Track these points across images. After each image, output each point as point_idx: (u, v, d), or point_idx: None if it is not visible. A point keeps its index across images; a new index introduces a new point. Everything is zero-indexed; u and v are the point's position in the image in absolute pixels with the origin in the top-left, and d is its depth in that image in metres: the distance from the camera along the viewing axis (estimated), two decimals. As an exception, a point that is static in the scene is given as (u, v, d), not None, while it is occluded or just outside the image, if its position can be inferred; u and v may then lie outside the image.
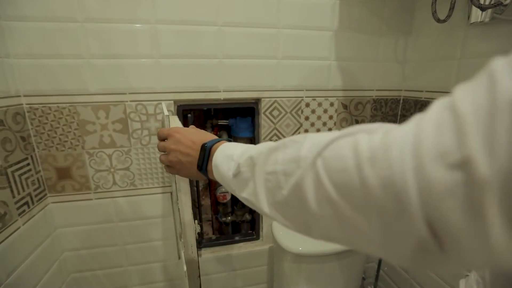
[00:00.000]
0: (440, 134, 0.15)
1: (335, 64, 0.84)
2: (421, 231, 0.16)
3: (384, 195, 0.17)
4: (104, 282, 0.86)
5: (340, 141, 0.21)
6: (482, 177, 0.13)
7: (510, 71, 0.14)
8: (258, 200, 0.28)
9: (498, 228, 0.13)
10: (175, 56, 0.72)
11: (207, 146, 0.38)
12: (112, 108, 0.72)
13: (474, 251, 0.15)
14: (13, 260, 0.60)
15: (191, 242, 0.50)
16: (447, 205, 0.15)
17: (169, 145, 0.43)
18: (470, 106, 0.14)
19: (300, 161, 0.23)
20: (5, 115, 0.60)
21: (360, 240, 0.21)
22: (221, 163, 0.34)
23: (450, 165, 0.14)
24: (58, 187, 0.74)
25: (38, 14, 0.63)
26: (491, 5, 0.58)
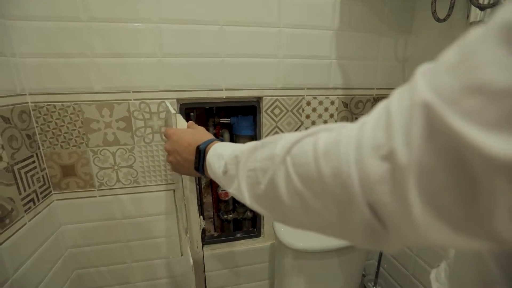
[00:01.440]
0: (376, 130, 0.18)
1: (335, 63, 0.85)
2: (365, 213, 0.19)
3: (335, 184, 0.20)
4: (107, 278, 0.87)
5: (305, 140, 0.24)
6: (402, 165, 0.16)
7: (426, 76, 0.16)
8: (242, 194, 0.31)
9: (418, 208, 0.15)
10: (178, 55, 0.73)
11: (201, 148, 0.41)
12: (116, 106, 0.73)
13: (406, 229, 0.17)
14: (20, 256, 0.61)
15: (196, 237, 0.51)
16: (381, 190, 0.17)
17: (168, 147, 0.47)
18: (397, 106, 0.17)
19: (274, 158, 0.26)
20: (11, 113, 0.61)
21: (324, 225, 0.24)
22: (213, 162, 0.37)
23: (381, 157, 0.17)
24: (63, 184, 0.75)
25: (42, 13, 0.64)
26: (490, 5, 0.59)
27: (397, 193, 0.16)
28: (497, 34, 0.13)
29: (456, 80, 0.14)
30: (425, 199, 0.15)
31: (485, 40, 0.13)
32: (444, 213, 0.15)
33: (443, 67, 0.15)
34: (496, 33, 0.13)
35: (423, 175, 0.15)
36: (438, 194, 0.15)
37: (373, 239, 0.20)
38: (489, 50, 0.13)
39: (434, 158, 0.14)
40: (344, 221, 0.21)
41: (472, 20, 0.65)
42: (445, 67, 0.15)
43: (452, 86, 0.14)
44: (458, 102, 0.13)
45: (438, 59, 0.17)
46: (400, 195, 0.16)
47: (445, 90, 0.14)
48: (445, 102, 0.14)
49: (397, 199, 0.16)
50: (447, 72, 0.15)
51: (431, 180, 0.15)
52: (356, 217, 0.19)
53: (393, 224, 0.18)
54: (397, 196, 0.16)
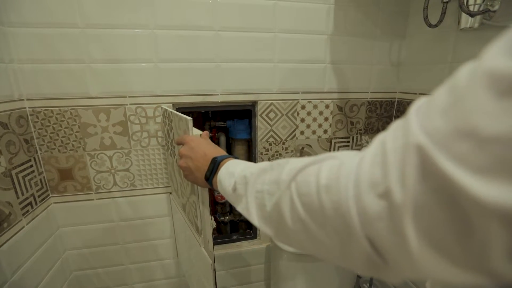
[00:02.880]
0: (373, 167, 0.19)
1: (330, 67, 0.86)
2: (365, 247, 0.19)
3: (336, 216, 0.21)
4: (105, 280, 0.88)
5: (309, 168, 0.25)
6: (398, 204, 0.16)
7: (419, 116, 0.17)
8: (250, 214, 0.33)
9: (415, 243, 0.16)
10: (174, 60, 0.74)
11: (217, 160, 0.42)
12: (112, 111, 0.74)
13: (404, 264, 0.18)
14: (18, 259, 0.63)
15: (209, 237, 0.54)
16: (379, 226, 0.18)
17: (182, 151, 0.48)
18: (392, 144, 0.18)
19: (280, 183, 0.27)
20: (9, 119, 0.62)
21: (325, 252, 0.24)
22: (224, 179, 0.39)
23: (378, 194, 0.18)
24: (60, 187, 0.76)
25: (40, 20, 0.65)
26: (479, 12, 0.60)
27: (394, 229, 0.17)
28: (483, 82, 0.13)
29: (447, 124, 0.15)
30: (422, 234, 0.16)
31: (473, 86, 0.14)
32: (441, 248, 0.16)
33: (435, 109, 0.16)
34: (482, 81, 0.14)
35: (418, 213, 0.16)
36: (434, 230, 0.15)
37: (374, 270, 0.21)
38: (476, 97, 0.14)
39: (429, 197, 0.15)
40: (345, 251, 0.22)
41: (463, 26, 0.66)
42: (437, 110, 0.16)
43: (443, 130, 0.15)
44: (449, 146, 0.14)
45: (430, 98, 0.17)
46: (397, 231, 0.17)
47: (437, 133, 0.15)
48: (436, 145, 0.15)
49: (394, 235, 0.17)
50: (439, 115, 0.15)
51: (426, 217, 0.16)
52: (356, 249, 0.20)
53: (392, 258, 0.19)
54: (394, 232, 0.17)
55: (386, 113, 0.96)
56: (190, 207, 0.60)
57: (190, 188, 0.57)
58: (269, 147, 0.88)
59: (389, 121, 0.98)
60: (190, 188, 0.57)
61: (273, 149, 0.89)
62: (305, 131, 0.90)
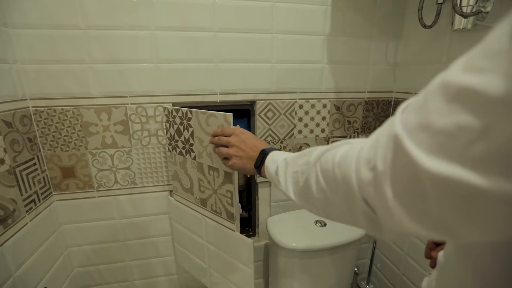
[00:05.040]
0: (369, 150, 0.25)
1: (327, 67, 0.87)
2: (363, 206, 0.26)
3: (344, 184, 0.28)
4: (106, 276, 0.90)
5: (330, 151, 0.32)
6: (380, 173, 0.22)
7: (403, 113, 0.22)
8: (288, 190, 0.41)
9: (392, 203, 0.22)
10: (174, 61, 0.76)
11: (265, 151, 0.51)
12: (113, 110, 0.75)
13: (388, 218, 0.23)
14: (22, 254, 0.64)
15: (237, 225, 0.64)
16: (369, 190, 0.24)
17: (234, 142, 0.56)
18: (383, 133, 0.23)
19: (309, 164, 0.36)
20: (13, 118, 0.64)
21: (340, 214, 0.31)
22: (269, 165, 0.48)
23: (369, 168, 0.24)
24: (63, 185, 0.78)
25: (43, 22, 0.67)
26: (472, 13, 0.62)
27: (378, 192, 0.23)
28: (440, 89, 0.18)
29: (416, 119, 0.20)
30: (397, 197, 0.21)
31: (435, 92, 0.18)
32: (410, 208, 0.21)
33: (412, 107, 0.21)
34: (440, 88, 0.18)
35: (394, 180, 0.21)
36: (404, 193, 0.21)
37: (371, 224, 0.27)
38: (435, 100, 0.18)
39: (400, 170, 0.21)
40: (351, 212, 0.28)
41: (456, 27, 0.67)
42: (413, 108, 0.21)
43: (413, 123, 0.20)
44: (415, 135, 0.19)
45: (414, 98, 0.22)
46: (380, 193, 0.23)
47: (409, 125, 0.20)
48: (408, 134, 0.20)
49: (379, 196, 0.23)
50: (413, 112, 0.20)
51: (399, 185, 0.21)
52: (358, 209, 0.27)
53: (380, 213, 0.24)
54: (378, 193, 0.23)
55: (383, 113, 0.97)
56: (219, 198, 0.65)
57: (223, 179, 0.62)
58: (268, 146, 0.90)
59: (386, 120, 0.99)
60: (222, 179, 0.62)
61: (271, 148, 0.90)
62: (303, 130, 0.91)
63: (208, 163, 0.64)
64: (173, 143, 0.71)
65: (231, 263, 0.69)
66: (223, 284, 0.74)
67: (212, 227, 0.70)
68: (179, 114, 0.67)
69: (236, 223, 0.64)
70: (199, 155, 0.65)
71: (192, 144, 0.65)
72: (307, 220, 0.91)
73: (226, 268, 0.71)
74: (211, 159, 0.63)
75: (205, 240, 0.73)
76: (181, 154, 0.70)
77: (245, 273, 0.67)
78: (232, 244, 0.67)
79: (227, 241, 0.68)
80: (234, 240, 0.66)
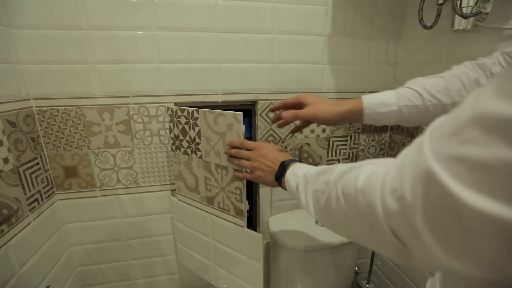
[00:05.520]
0: (394, 178, 0.24)
1: (328, 68, 0.88)
2: (390, 236, 0.25)
3: (368, 213, 0.27)
4: (108, 275, 0.90)
5: (351, 172, 0.31)
6: (409, 205, 0.21)
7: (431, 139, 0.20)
8: (308, 208, 0.40)
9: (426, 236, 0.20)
10: (175, 61, 0.76)
11: (285, 164, 0.51)
12: (116, 110, 0.76)
13: (421, 252, 0.22)
14: (25, 253, 0.65)
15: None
16: (397, 221, 0.23)
17: (255, 156, 0.56)
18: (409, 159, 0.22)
19: (329, 183, 0.35)
20: (17, 117, 0.65)
21: (364, 239, 0.31)
22: (290, 179, 0.47)
23: (396, 198, 0.23)
24: (65, 185, 0.79)
25: (46, 22, 0.67)
26: (472, 14, 0.62)
27: (408, 224, 0.22)
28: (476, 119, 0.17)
29: (450, 149, 0.18)
30: (431, 231, 0.20)
31: (469, 121, 0.17)
32: (447, 243, 0.19)
33: (443, 133, 0.20)
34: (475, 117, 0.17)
35: (426, 214, 0.20)
36: (440, 228, 0.19)
37: (401, 256, 0.25)
38: (471, 130, 0.17)
39: (433, 203, 0.19)
40: (377, 240, 0.27)
41: (456, 28, 0.68)
42: (444, 135, 0.19)
43: (446, 153, 0.18)
44: (450, 166, 0.18)
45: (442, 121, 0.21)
46: (411, 226, 0.21)
47: (441, 155, 0.19)
48: (441, 165, 0.18)
49: (409, 229, 0.22)
50: (445, 140, 0.19)
51: (433, 218, 0.19)
52: (384, 238, 0.25)
53: (411, 245, 0.23)
54: (408, 226, 0.22)
55: (383, 113, 0.98)
56: (227, 195, 0.66)
57: (232, 177, 0.63)
58: (269, 146, 0.90)
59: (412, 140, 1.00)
60: (231, 177, 0.63)
61: (272, 147, 0.91)
62: (303, 130, 0.92)
63: (216, 162, 0.65)
64: (177, 143, 0.71)
65: (239, 259, 0.70)
66: (230, 280, 0.74)
67: (219, 225, 0.71)
68: (184, 114, 0.67)
69: (244, 219, 0.65)
70: (206, 154, 0.66)
71: (199, 143, 0.66)
72: (308, 219, 0.92)
73: (234, 264, 0.72)
74: (219, 157, 0.63)
75: (211, 238, 0.74)
76: (186, 153, 0.71)
77: (255, 267, 0.68)
78: (240, 240, 0.68)
79: (235, 237, 0.69)
80: (242, 236, 0.67)
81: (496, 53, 0.46)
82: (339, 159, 0.99)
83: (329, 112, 0.55)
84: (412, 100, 0.49)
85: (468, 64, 0.48)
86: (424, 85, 0.49)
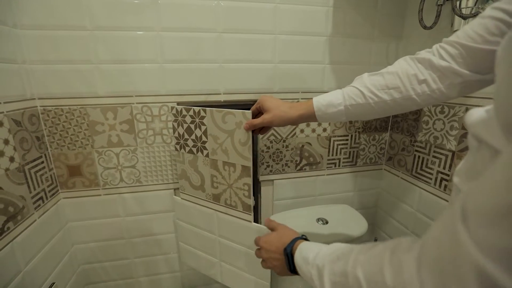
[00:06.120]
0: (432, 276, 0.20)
1: (329, 68, 0.88)
2: None
3: None
4: (111, 273, 0.91)
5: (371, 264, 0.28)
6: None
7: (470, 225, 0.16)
8: None
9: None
10: (178, 61, 0.77)
11: (287, 252, 0.47)
12: (119, 109, 0.77)
13: None
14: (30, 250, 0.66)
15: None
16: None
17: (263, 255, 0.54)
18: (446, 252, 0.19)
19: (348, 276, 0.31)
20: (22, 117, 0.66)
21: None
22: (301, 265, 0.43)
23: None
24: (69, 183, 0.79)
25: (51, 23, 0.68)
26: (471, 15, 0.63)
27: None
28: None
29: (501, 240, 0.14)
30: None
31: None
32: None
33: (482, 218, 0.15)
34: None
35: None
36: None
37: None
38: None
39: None
40: None
41: (456, 29, 0.69)
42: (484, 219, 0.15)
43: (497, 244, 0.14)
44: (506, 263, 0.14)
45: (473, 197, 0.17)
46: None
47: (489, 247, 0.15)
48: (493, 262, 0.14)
49: None
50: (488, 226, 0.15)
51: None
52: None
53: None
54: None
55: (383, 112, 0.99)
56: (234, 191, 0.67)
57: (240, 173, 0.64)
58: (270, 145, 0.91)
59: (386, 119, 1.01)
60: (239, 173, 0.64)
61: (274, 146, 0.92)
62: (305, 130, 0.93)
63: (223, 159, 0.66)
64: (181, 142, 0.72)
65: (246, 253, 0.71)
66: (236, 275, 0.75)
67: (225, 221, 0.72)
68: (190, 113, 0.68)
69: (252, 214, 0.67)
70: (213, 152, 0.67)
71: (205, 141, 0.67)
72: (309, 218, 0.93)
73: (241, 259, 0.73)
74: (227, 155, 0.64)
75: (217, 235, 0.75)
76: (191, 152, 0.72)
77: None
78: (247, 234, 0.68)
79: (242, 232, 0.70)
80: (250, 231, 0.68)
81: (436, 45, 0.48)
82: (340, 158, 1.00)
83: (283, 118, 0.57)
84: (356, 99, 0.51)
85: (408, 59, 0.49)
86: (366, 84, 0.50)
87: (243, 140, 0.61)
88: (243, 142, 0.62)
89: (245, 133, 0.61)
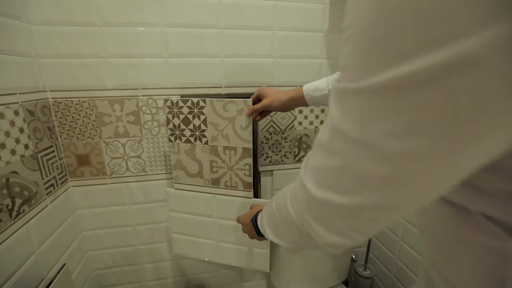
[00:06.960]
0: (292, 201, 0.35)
1: (326, 62, 0.92)
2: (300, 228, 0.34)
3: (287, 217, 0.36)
4: (117, 259, 0.95)
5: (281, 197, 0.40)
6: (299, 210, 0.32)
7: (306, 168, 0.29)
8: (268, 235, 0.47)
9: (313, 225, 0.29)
10: (182, 56, 0.81)
11: (252, 221, 0.59)
12: (126, 102, 0.81)
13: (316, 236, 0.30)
14: (43, 233, 0.70)
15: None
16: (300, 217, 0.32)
17: (243, 229, 0.66)
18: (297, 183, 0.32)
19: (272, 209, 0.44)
20: (35, 107, 0.70)
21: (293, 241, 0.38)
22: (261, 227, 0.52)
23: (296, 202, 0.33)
24: (78, 172, 0.83)
25: (62, 19, 0.72)
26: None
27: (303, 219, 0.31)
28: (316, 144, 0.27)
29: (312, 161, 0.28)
30: (315, 220, 0.29)
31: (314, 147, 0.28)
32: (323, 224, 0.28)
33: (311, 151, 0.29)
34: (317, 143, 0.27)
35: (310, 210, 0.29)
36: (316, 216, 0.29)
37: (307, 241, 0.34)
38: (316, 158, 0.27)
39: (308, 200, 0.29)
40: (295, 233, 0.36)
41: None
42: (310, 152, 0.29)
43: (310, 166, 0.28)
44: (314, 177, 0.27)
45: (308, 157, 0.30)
46: (305, 219, 0.31)
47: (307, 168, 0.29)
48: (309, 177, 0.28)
49: (304, 221, 0.31)
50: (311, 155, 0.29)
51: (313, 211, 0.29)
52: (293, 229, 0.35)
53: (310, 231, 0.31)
54: (304, 219, 0.31)
55: (379, 106, 1.02)
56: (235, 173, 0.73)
57: (241, 155, 0.71)
58: (270, 136, 0.95)
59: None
60: (240, 155, 0.71)
61: (273, 138, 0.95)
62: (303, 122, 0.96)
63: (224, 144, 0.70)
64: (177, 133, 0.76)
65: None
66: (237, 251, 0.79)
67: (224, 202, 0.76)
68: (187, 104, 0.72)
69: (252, 190, 0.72)
70: (213, 138, 0.71)
71: (204, 130, 0.71)
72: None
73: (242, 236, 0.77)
74: (227, 140, 0.69)
75: (216, 217, 0.79)
76: (187, 141, 0.76)
77: None
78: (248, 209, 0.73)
79: (242, 210, 0.74)
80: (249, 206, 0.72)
81: None
82: (337, 150, 1.03)
83: (279, 100, 0.66)
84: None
85: None
86: None
87: (244, 125, 0.66)
88: (244, 127, 0.66)
89: (246, 119, 0.65)
